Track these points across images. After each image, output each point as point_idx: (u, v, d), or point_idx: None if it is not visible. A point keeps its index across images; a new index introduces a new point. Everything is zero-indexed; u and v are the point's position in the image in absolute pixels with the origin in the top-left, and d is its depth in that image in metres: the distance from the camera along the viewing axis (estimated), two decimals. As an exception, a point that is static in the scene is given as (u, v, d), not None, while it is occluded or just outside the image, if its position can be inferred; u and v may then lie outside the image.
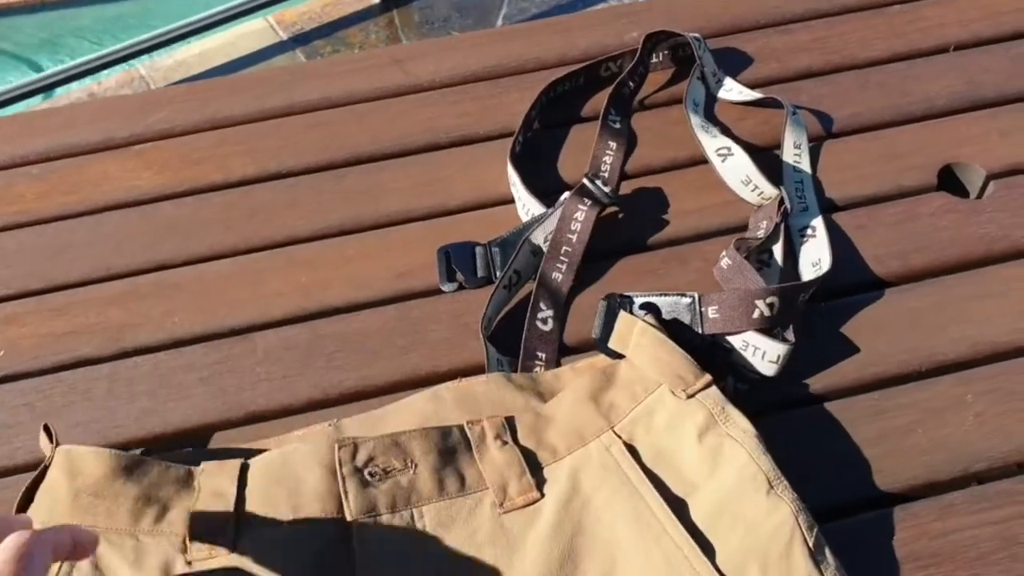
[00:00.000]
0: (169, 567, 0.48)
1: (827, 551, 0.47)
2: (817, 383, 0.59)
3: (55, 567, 0.48)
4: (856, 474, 0.54)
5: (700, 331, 0.57)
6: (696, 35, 0.78)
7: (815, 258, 0.64)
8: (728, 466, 0.50)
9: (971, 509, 0.53)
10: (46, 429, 0.53)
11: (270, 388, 0.60)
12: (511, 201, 0.70)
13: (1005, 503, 0.53)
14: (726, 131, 0.74)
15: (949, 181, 0.71)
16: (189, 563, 0.48)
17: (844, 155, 0.73)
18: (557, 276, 0.64)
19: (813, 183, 0.70)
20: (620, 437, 0.53)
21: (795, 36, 0.83)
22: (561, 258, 0.64)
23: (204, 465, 0.53)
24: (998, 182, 0.70)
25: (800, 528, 0.47)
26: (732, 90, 0.76)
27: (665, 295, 0.57)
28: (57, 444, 0.52)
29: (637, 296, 0.57)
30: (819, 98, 0.77)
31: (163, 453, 0.54)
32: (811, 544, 0.47)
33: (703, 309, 0.57)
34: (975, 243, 0.66)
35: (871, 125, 0.75)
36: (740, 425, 0.51)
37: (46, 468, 0.51)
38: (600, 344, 0.58)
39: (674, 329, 0.57)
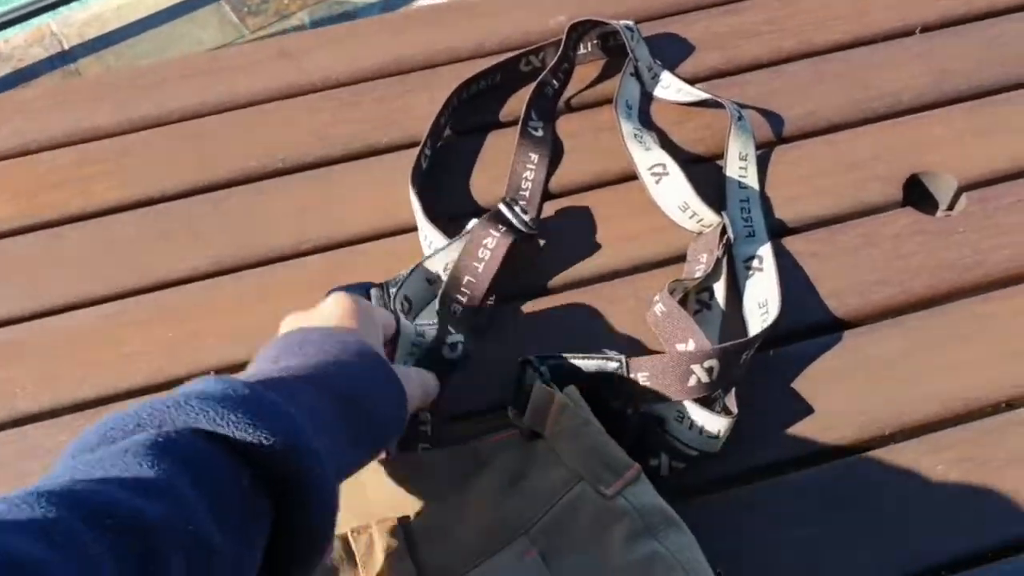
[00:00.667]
0: None
1: None
2: (763, 454, 0.51)
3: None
4: (806, 571, 0.47)
5: (630, 402, 0.48)
6: (628, 23, 0.68)
7: (761, 298, 0.55)
8: None
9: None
10: None
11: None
12: (415, 228, 0.61)
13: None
14: (663, 139, 0.64)
15: (916, 192, 0.63)
16: None
17: (797, 164, 0.63)
18: (456, 308, 0.55)
19: (761, 201, 0.61)
20: (535, 545, 0.44)
21: (743, 17, 0.73)
22: (462, 290, 0.55)
23: None
24: (972, 194, 0.62)
25: None
26: (670, 87, 0.66)
27: (588, 358, 0.49)
28: None
29: (556, 359, 0.48)
30: (770, 94, 0.68)
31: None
32: None
33: (632, 376, 0.48)
34: (945, 271, 0.58)
35: (828, 127, 0.66)
36: (676, 534, 0.43)
37: None
38: (514, 417, 0.49)
39: (599, 397, 0.48)
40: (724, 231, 0.57)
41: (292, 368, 0.39)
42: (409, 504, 0.47)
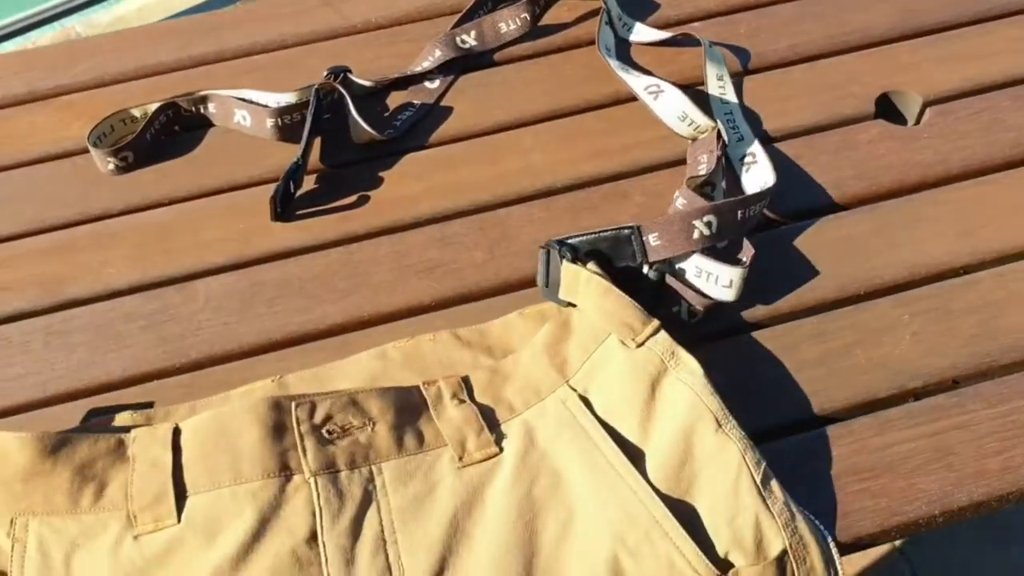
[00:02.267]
0: (116, 543, 0.48)
1: (774, 484, 0.48)
2: (759, 310, 0.59)
3: (9, 547, 0.47)
4: (799, 395, 0.55)
5: (646, 260, 0.57)
6: None
7: (760, 182, 0.64)
8: (678, 410, 0.50)
9: (907, 424, 0.54)
10: None
11: (212, 335, 0.60)
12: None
13: (940, 417, 0.54)
14: (647, 72, 0.74)
15: (887, 110, 0.72)
16: (136, 537, 0.48)
17: (781, 87, 0.73)
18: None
19: (743, 113, 0.70)
20: (575, 390, 0.53)
21: (733, -31, 0.82)
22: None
23: (135, 432, 0.52)
24: (934, 109, 0.71)
25: (747, 465, 0.48)
26: (640, 32, 0.76)
27: (604, 231, 0.57)
28: None
29: (575, 238, 0.57)
30: (756, 30, 0.77)
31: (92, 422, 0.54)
32: (758, 479, 0.48)
33: (645, 238, 0.57)
34: (911, 169, 0.67)
35: (808, 56, 0.75)
36: (689, 367, 0.51)
37: None
38: (546, 293, 0.58)
39: (621, 270, 0.57)
40: (719, 134, 0.66)
41: None
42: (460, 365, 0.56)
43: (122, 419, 0.54)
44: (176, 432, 0.52)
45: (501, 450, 0.52)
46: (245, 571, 0.47)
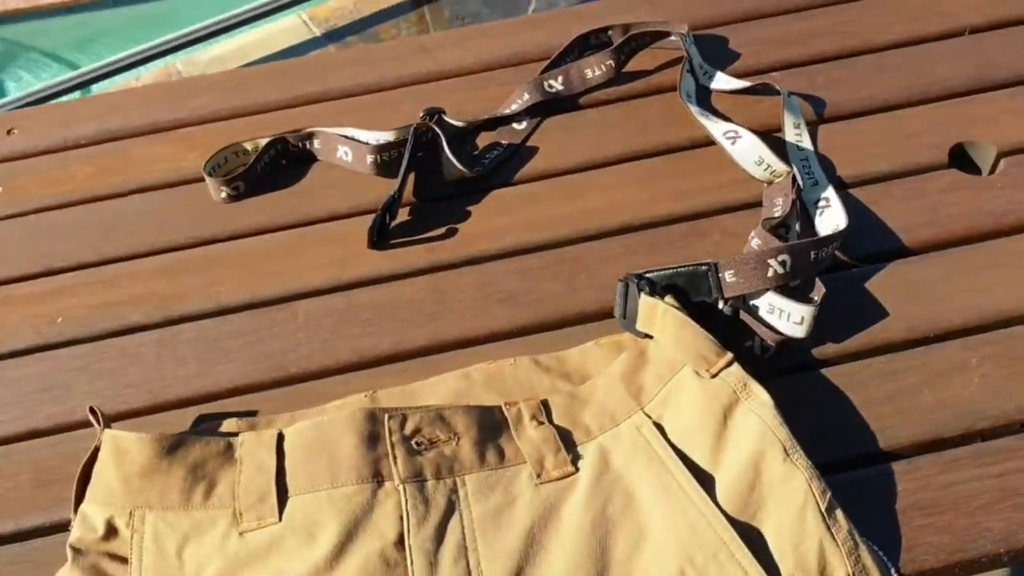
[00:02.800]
0: (224, 538, 0.52)
1: (839, 513, 0.50)
2: (829, 347, 0.61)
3: (128, 537, 0.52)
4: (866, 431, 0.57)
5: (721, 296, 0.60)
6: (683, 29, 0.81)
7: (833, 225, 0.66)
8: (748, 438, 0.53)
9: (974, 463, 0.55)
10: (92, 412, 0.56)
11: (310, 351, 0.64)
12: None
13: (1007, 458, 0.55)
14: (726, 118, 0.77)
15: (961, 160, 0.74)
16: (242, 534, 0.52)
17: (857, 135, 0.75)
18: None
19: (819, 160, 0.73)
20: (650, 417, 0.56)
21: (813, 22, 0.86)
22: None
23: (243, 437, 0.56)
24: (1009, 159, 0.72)
25: (813, 493, 0.50)
26: (720, 80, 0.79)
27: (682, 267, 0.60)
28: (104, 427, 0.55)
29: (654, 273, 0.60)
30: (835, 81, 0.80)
31: (201, 427, 0.59)
32: (823, 507, 0.50)
33: (721, 275, 0.59)
34: (983, 217, 0.68)
35: (885, 106, 0.77)
36: (760, 398, 0.54)
37: (97, 449, 0.55)
38: (623, 324, 0.61)
39: (697, 305, 0.60)
40: (795, 178, 0.68)
41: None
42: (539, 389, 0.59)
43: (228, 425, 0.59)
44: (280, 438, 0.56)
45: (577, 470, 0.55)
46: (339, 569, 0.51)
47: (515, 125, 0.79)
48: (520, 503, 0.53)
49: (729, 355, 0.56)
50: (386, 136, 0.76)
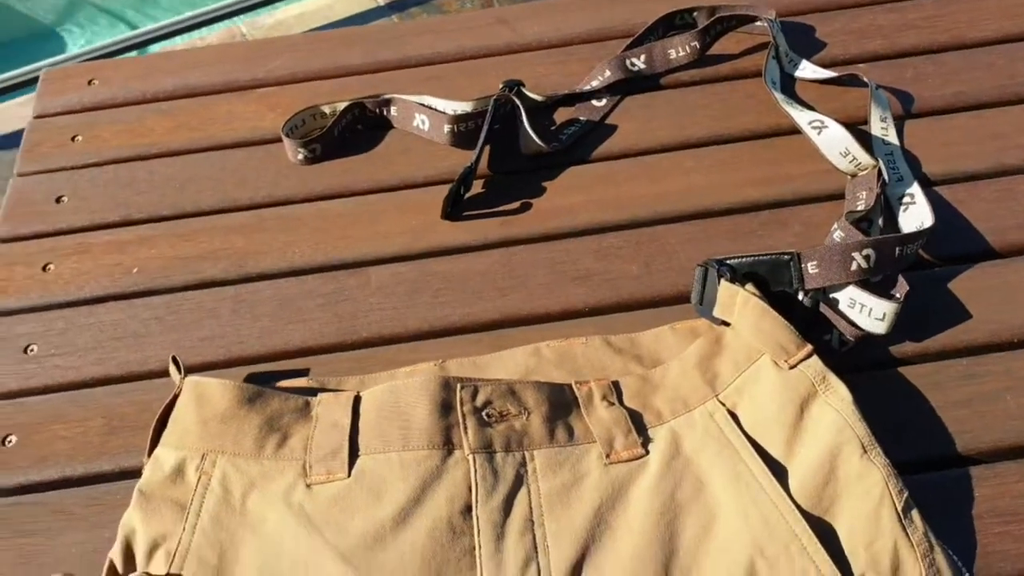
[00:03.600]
0: (290, 488, 0.53)
1: (915, 514, 0.49)
2: (908, 346, 0.60)
3: (195, 480, 0.53)
4: (944, 433, 0.56)
5: (802, 287, 0.59)
6: (770, 16, 0.79)
7: (918, 222, 0.65)
8: (825, 432, 0.52)
9: (1054, 473, 0.54)
10: (174, 361, 0.57)
11: (381, 317, 0.64)
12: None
13: (1090, 471, 0.54)
14: (811, 107, 0.76)
15: (1052, 162, 0.72)
16: (308, 486, 0.53)
17: (945, 132, 0.74)
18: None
19: (904, 155, 0.71)
20: (723, 404, 0.55)
21: (903, 15, 0.84)
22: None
23: (320, 396, 0.57)
24: (1104, 165, 0.70)
25: (890, 492, 0.49)
26: (806, 69, 0.78)
27: (764, 255, 0.59)
28: (185, 375, 0.56)
29: (735, 260, 0.59)
30: (923, 75, 0.78)
31: (281, 381, 0.59)
32: (900, 507, 0.49)
33: (803, 265, 0.58)
34: (1075, 223, 0.67)
35: (975, 104, 0.76)
36: (839, 393, 0.53)
37: (176, 397, 0.56)
38: (700, 310, 0.60)
39: (776, 295, 0.59)
40: (880, 172, 0.67)
41: None
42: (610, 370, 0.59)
43: (299, 382, 0.59)
44: (357, 400, 0.57)
45: (647, 452, 0.54)
46: (404, 531, 0.51)
47: (594, 102, 0.78)
48: (588, 482, 0.53)
49: (809, 347, 0.55)
50: (464, 106, 0.75)
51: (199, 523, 0.51)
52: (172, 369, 0.57)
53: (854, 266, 0.58)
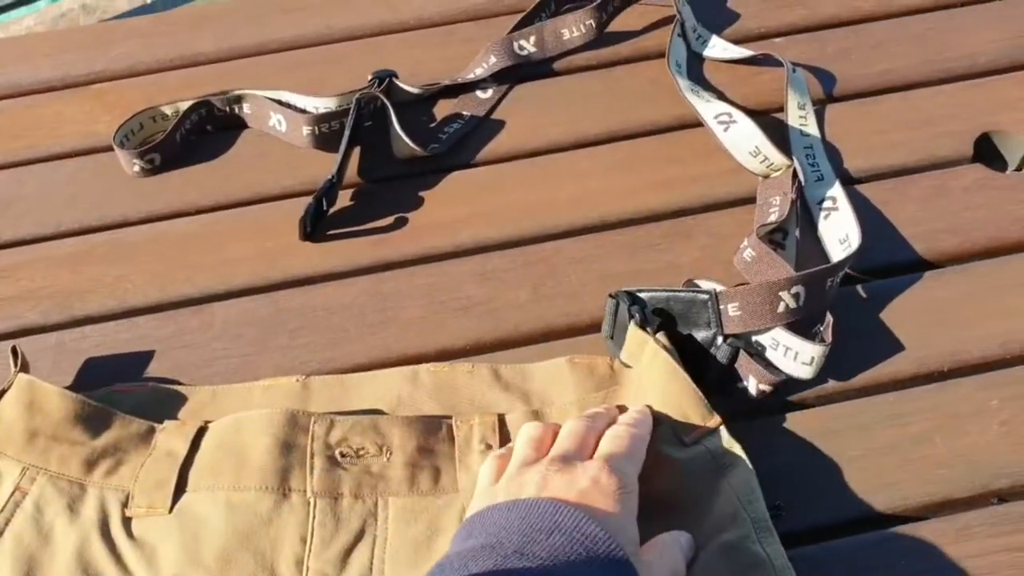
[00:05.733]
0: (107, 518, 0.48)
1: None
2: (828, 383, 0.53)
3: (8, 493, 0.48)
4: (867, 486, 0.49)
5: (720, 331, 0.51)
6: None
7: (842, 234, 0.57)
8: (717, 514, 0.45)
9: (988, 532, 0.47)
10: (13, 351, 0.52)
11: (227, 367, 0.55)
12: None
13: (1026, 528, 0.48)
14: (719, 95, 0.67)
15: (987, 152, 0.64)
16: (128, 518, 0.48)
17: (871, 119, 0.66)
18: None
19: (824, 148, 0.63)
20: None
21: (824, -22, 0.75)
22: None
23: (167, 424, 0.51)
24: (1041, 154, 0.63)
25: None
26: (716, 47, 0.69)
27: (679, 291, 0.51)
28: (23, 369, 0.51)
29: (647, 292, 0.51)
30: (846, 51, 0.70)
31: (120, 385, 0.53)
32: None
33: (722, 307, 0.50)
34: (1011, 225, 0.59)
35: (904, 84, 0.68)
36: (739, 470, 0.46)
37: (2, 392, 0.50)
38: (609, 346, 0.53)
39: (688, 338, 0.51)
40: (795, 174, 0.59)
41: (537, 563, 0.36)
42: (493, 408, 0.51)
43: (147, 392, 0.53)
44: (202, 431, 0.50)
45: None
46: None
47: (479, 93, 0.69)
48: (442, 540, 0.46)
49: (717, 420, 0.47)
50: (326, 103, 0.65)
51: None
52: (11, 360, 0.52)
53: (781, 307, 0.50)
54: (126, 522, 0.47)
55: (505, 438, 0.50)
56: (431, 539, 0.46)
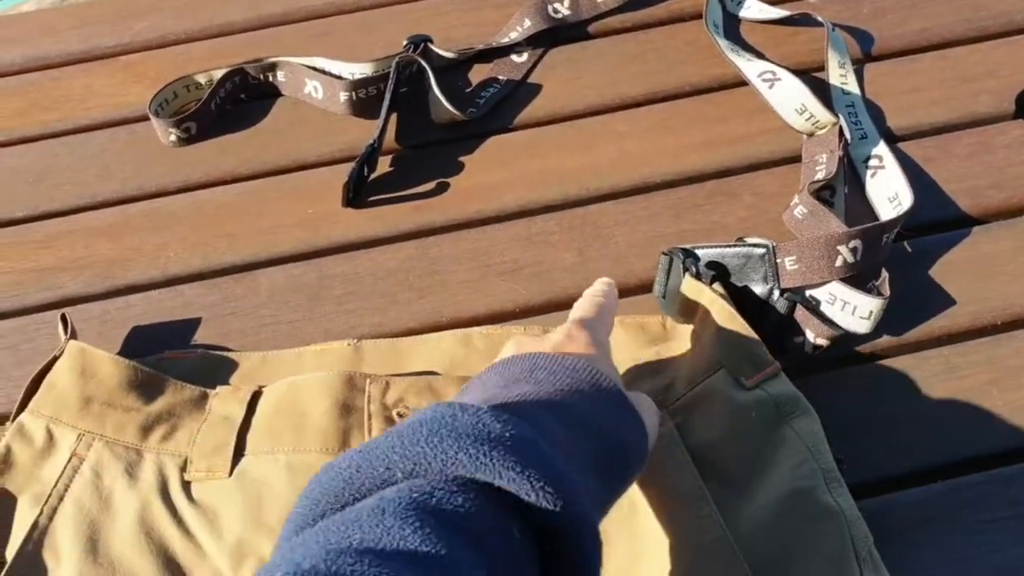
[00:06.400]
0: (167, 482, 0.48)
1: (878, 564, 0.42)
2: (882, 338, 0.53)
3: (65, 459, 0.47)
4: (924, 439, 0.49)
5: (777, 285, 0.50)
6: None
7: (891, 192, 0.57)
8: (785, 465, 0.44)
9: (1048, 480, 0.47)
10: (63, 318, 0.52)
11: (275, 334, 0.55)
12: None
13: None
14: (759, 55, 0.66)
15: (1028, 108, 0.64)
16: (187, 481, 0.48)
17: (910, 77, 0.65)
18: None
19: (866, 106, 0.63)
20: (672, 419, 0.47)
21: (855, -62, 0.74)
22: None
23: (220, 389, 0.51)
24: (1082, 109, 0.63)
25: (851, 537, 0.42)
26: (752, 8, 0.68)
27: (734, 246, 0.51)
28: (72, 336, 0.51)
29: (702, 249, 0.51)
30: (882, 10, 0.69)
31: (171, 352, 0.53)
32: (859, 558, 0.42)
33: (779, 260, 0.50)
34: (1057, 179, 0.59)
35: (940, 42, 0.67)
36: (804, 419, 0.45)
37: (55, 359, 0.50)
38: (662, 304, 0.52)
39: (747, 292, 0.51)
40: (841, 131, 0.59)
41: (526, 395, 0.35)
42: None
43: (197, 359, 0.53)
44: (257, 394, 0.50)
45: None
46: None
47: (514, 57, 0.68)
48: None
49: (776, 365, 0.47)
50: (363, 69, 0.65)
51: (60, 507, 0.46)
52: (60, 328, 0.51)
53: (839, 261, 0.49)
54: (186, 486, 0.47)
55: None
56: None
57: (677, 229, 0.58)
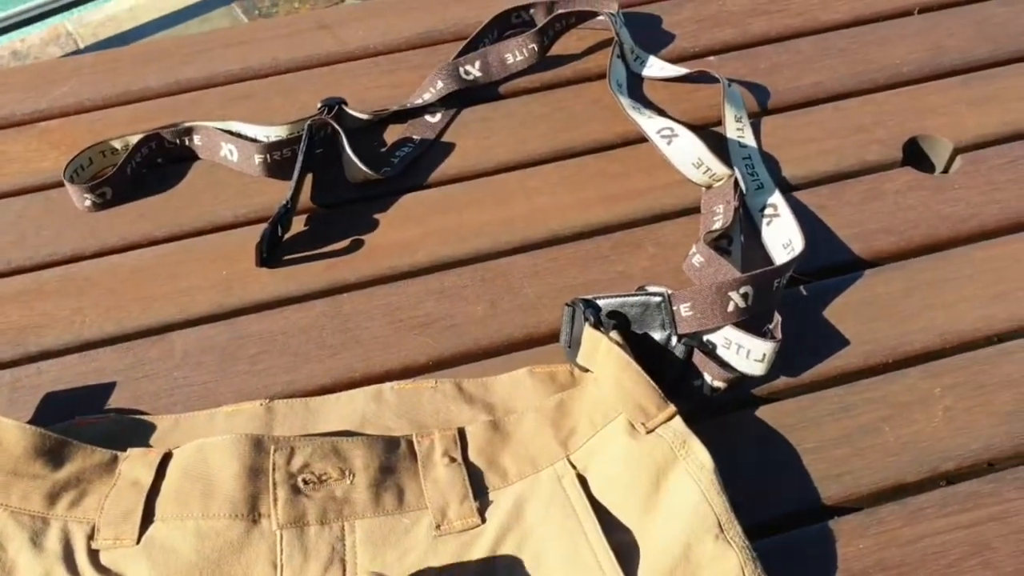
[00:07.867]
0: (75, 551, 0.47)
1: None
2: (779, 379, 0.55)
3: None
4: (820, 477, 0.51)
5: (674, 331, 0.52)
6: (612, 9, 0.73)
7: (785, 239, 0.59)
8: (681, 507, 0.46)
9: (940, 513, 0.49)
10: None
11: (188, 396, 0.55)
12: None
13: (975, 505, 0.50)
14: (660, 111, 0.69)
15: (915, 155, 0.68)
16: (94, 550, 0.47)
17: (804, 128, 0.68)
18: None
19: (762, 158, 0.66)
20: (574, 467, 0.49)
21: (753, -2, 0.78)
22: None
23: (130, 451, 0.50)
24: (965, 156, 0.67)
25: None
26: (654, 67, 0.72)
27: (634, 295, 0.53)
28: None
29: (604, 300, 0.53)
30: (777, 66, 0.73)
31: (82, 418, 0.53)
32: None
33: (675, 307, 0.52)
34: (942, 222, 0.62)
35: (832, 95, 0.71)
36: (699, 460, 0.47)
37: None
38: (568, 353, 0.54)
39: (645, 338, 0.53)
40: (736, 183, 0.61)
41: None
42: (458, 422, 0.52)
43: (108, 423, 0.53)
44: (166, 458, 0.50)
45: (483, 521, 0.48)
46: None
47: (428, 118, 0.70)
48: (411, 559, 0.47)
49: (671, 409, 0.48)
50: (277, 131, 0.66)
51: None
52: None
53: (731, 307, 0.51)
54: (92, 554, 0.47)
55: (466, 449, 0.50)
56: (401, 558, 0.47)
57: (584, 280, 0.60)
